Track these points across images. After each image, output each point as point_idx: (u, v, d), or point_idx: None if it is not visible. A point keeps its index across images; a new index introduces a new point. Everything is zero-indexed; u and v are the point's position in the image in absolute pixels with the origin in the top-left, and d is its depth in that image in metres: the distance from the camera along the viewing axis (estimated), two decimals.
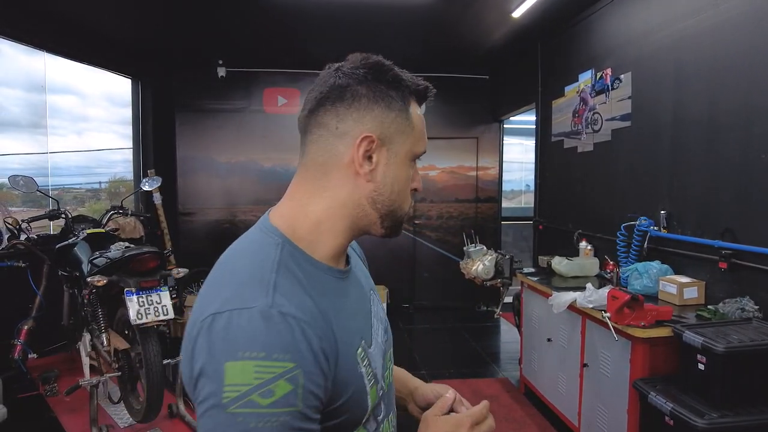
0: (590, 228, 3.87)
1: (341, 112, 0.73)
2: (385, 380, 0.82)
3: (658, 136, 3.05)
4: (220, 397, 0.57)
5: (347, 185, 0.75)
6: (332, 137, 0.74)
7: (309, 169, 0.76)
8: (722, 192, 2.56)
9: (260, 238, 0.75)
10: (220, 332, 0.60)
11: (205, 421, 0.59)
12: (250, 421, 0.56)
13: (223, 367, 0.58)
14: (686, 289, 2.63)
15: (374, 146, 0.74)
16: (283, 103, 6.01)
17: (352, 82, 0.74)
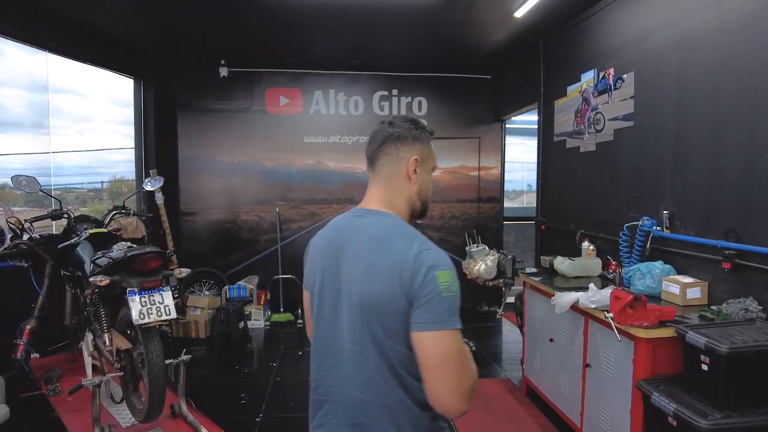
0: (593, 228, 3.86)
1: (399, 146, 1.27)
2: None
3: (661, 136, 3.04)
4: (439, 290, 1.08)
5: (406, 188, 1.29)
6: (394, 160, 1.27)
7: (381, 180, 1.30)
8: (725, 192, 2.55)
9: (392, 218, 1.25)
10: (432, 258, 1.11)
11: (429, 306, 1.08)
12: (451, 300, 1.09)
13: (436, 275, 1.09)
14: (689, 289, 2.62)
15: (417, 164, 1.27)
16: (285, 103, 6.01)
17: (402, 130, 1.27)
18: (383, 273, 1.12)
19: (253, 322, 5.59)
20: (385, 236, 1.19)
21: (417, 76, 6.12)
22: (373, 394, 1.16)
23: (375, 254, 1.16)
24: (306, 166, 6.09)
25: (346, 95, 6.06)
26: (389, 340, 1.13)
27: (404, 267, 1.10)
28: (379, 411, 1.16)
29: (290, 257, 6.04)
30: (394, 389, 1.15)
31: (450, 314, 1.09)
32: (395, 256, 1.12)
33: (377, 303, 1.12)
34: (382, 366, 1.14)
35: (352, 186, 6.17)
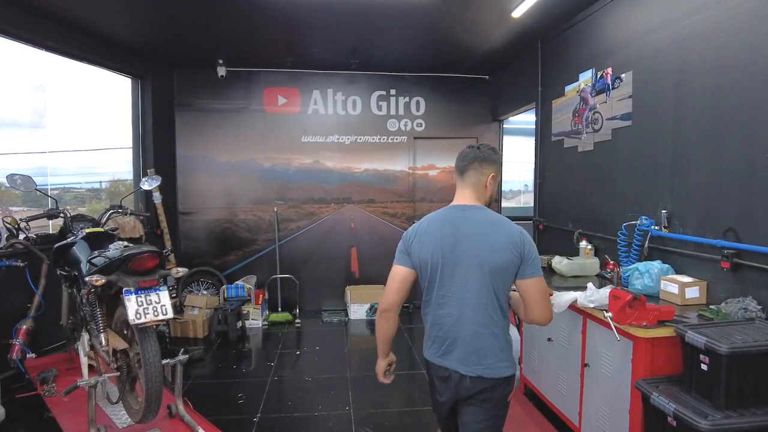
0: (590, 227, 3.85)
1: (483, 165, 1.87)
2: None
3: (660, 135, 3.04)
4: (536, 254, 1.80)
5: (483, 193, 1.89)
6: (479, 175, 1.87)
7: (469, 186, 1.88)
8: (724, 191, 2.55)
9: (489, 210, 1.88)
10: (527, 235, 1.81)
11: (534, 263, 1.80)
12: (538, 259, 1.81)
13: (533, 244, 1.81)
14: (688, 288, 2.62)
15: (493, 177, 1.89)
16: (283, 103, 6.00)
17: (485, 155, 1.87)
18: (505, 245, 1.78)
19: (251, 321, 5.57)
20: (496, 222, 1.83)
21: (415, 76, 6.12)
22: (486, 328, 1.81)
23: (495, 234, 1.79)
24: (304, 165, 6.08)
25: (344, 95, 6.05)
26: (500, 291, 1.81)
27: (517, 242, 1.78)
28: (489, 338, 1.82)
29: (288, 257, 6.03)
30: (499, 324, 1.83)
31: (539, 268, 1.83)
32: (511, 235, 1.79)
33: (503, 266, 1.78)
34: (495, 309, 1.82)
35: (351, 186, 6.16)
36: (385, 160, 6.17)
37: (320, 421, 3.34)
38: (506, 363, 1.84)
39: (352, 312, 5.82)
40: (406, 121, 6.15)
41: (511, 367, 1.86)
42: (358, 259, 6.17)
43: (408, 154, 6.18)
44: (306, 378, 4.10)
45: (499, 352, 1.82)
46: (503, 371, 1.83)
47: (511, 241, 1.77)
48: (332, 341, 5.08)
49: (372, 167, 6.16)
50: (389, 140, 6.15)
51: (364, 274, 6.18)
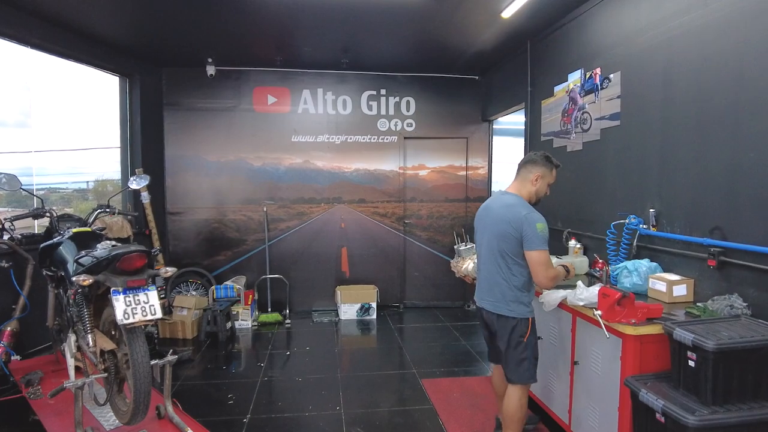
0: (579, 227, 3.88)
1: (535, 166, 2.65)
2: None
3: (648, 135, 3.07)
4: (536, 231, 2.42)
5: (529, 187, 2.65)
6: (527, 172, 2.65)
7: (519, 180, 2.69)
8: (711, 190, 2.58)
9: (517, 197, 2.61)
10: (533, 217, 2.46)
11: (533, 239, 2.43)
12: (541, 236, 2.43)
13: (536, 224, 2.43)
14: (675, 286, 2.65)
15: (539, 176, 2.63)
16: (273, 102, 5.97)
17: (538, 159, 2.65)
18: (507, 221, 2.50)
19: (241, 322, 5.54)
20: (511, 204, 2.56)
21: (405, 76, 6.12)
22: (492, 275, 2.62)
23: (505, 212, 2.53)
24: (294, 165, 6.06)
25: (334, 94, 6.04)
26: (504, 251, 2.53)
27: (517, 221, 2.47)
28: (496, 283, 2.60)
29: (278, 257, 6.00)
30: (502, 275, 2.57)
31: (540, 243, 2.43)
32: (515, 215, 2.49)
33: (502, 234, 2.52)
34: (500, 263, 2.57)
35: (341, 185, 6.15)
36: (375, 159, 6.16)
37: (311, 422, 3.33)
38: (505, 306, 2.58)
39: (342, 312, 5.81)
40: (397, 121, 6.15)
41: (511, 311, 2.56)
42: (348, 259, 6.16)
43: (398, 154, 6.19)
44: (296, 378, 4.08)
45: (500, 295, 2.59)
46: (502, 310, 2.59)
47: (513, 219, 2.49)
48: (322, 342, 5.06)
49: (362, 167, 6.16)
50: (379, 140, 6.15)
51: (355, 274, 6.17)
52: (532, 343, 2.62)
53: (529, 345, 2.61)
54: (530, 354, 2.62)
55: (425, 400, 3.63)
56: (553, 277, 2.49)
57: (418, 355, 4.64)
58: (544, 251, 2.44)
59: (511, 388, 2.68)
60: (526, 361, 2.61)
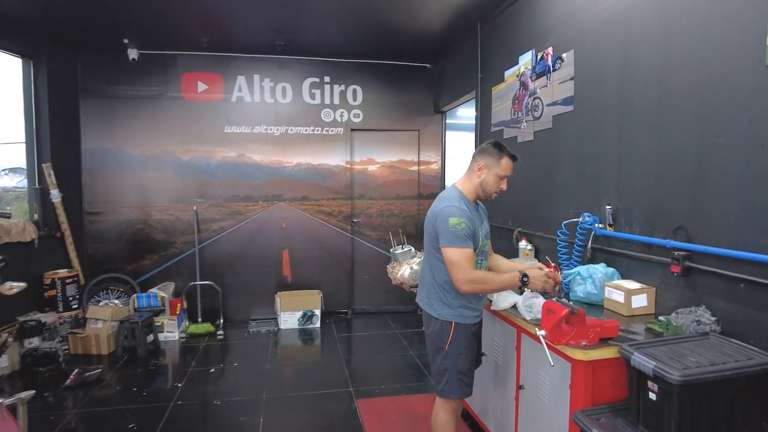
0: (531, 226, 3.49)
1: (481, 155, 2.31)
2: (483, 246, 2.31)
3: (603, 121, 2.69)
4: (448, 227, 2.14)
5: (474, 178, 2.31)
6: (474, 163, 2.33)
7: (468, 173, 2.35)
8: (675, 183, 2.20)
9: (454, 190, 2.32)
10: (446, 211, 2.18)
11: (443, 235, 2.16)
12: (454, 232, 2.14)
13: (448, 219, 2.15)
14: (635, 297, 2.26)
15: (482, 166, 2.28)
16: (204, 90, 5.40)
17: (485, 147, 2.31)
18: (429, 216, 2.29)
19: (167, 334, 4.97)
20: (441, 197, 2.31)
21: (351, 63, 5.64)
22: (425, 270, 2.38)
23: (433, 205, 2.30)
24: (228, 159, 5.50)
25: (272, 81, 5.51)
26: (430, 247, 2.30)
27: (434, 215, 2.24)
28: (425, 278, 2.38)
29: (211, 261, 5.45)
30: (429, 270, 2.33)
31: (450, 239, 2.12)
32: (434, 209, 2.26)
33: (427, 230, 2.32)
34: (429, 259, 2.33)
35: (281, 181, 5.62)
36: (319, 153, 5.66)
37: None
38: (429, 304, 2.33)
39: (282, 321, 5.30)
40: (342, 111, 5.67)
41: (434, 310, 2.29)
42: (290, 262, 5.65)
43: (345, 148, 5.71)
44: (214, 402, 3.56)
45: (426, 291, 2.36)
46: (426, 307, 2.35)
47: (432, 212, 2.27)
48: (255, 356, 4.54)
49: (305, 161, 5.65)
50: (324, 132, 5.65)
51: (298, 279, 5.66)
52: (454, 353, 2.26)
53: (450, 355, 2.26)
54: (452, 365, 2.26)
55: (357, 425, 3.18)
56: (471, 281, 2.10)
57: (359, 370, 4.18)
58: (455, 249, 2.11)
59: (437, 403, 2.39)
60: (446, 373, 2.27)
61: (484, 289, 2.20)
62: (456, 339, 2.24)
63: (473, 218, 2.21)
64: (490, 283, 2.16)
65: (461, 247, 2.11)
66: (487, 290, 2.23)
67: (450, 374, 2.26)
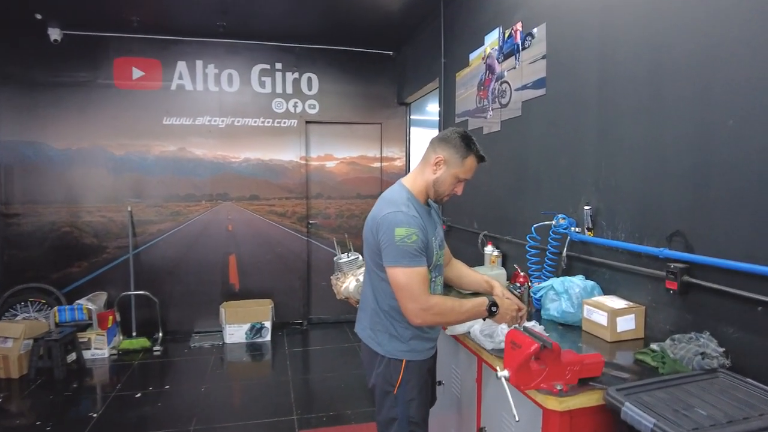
0: (498, 229, 3.06)
1: (441, 145, 1.75)
2: (438, 259, 1.80)
3: (581, 105, 2.26)
4: (393, 240, 1.59)
5: (429, 174, 1.76)
6: (431, 152, 1.77)
7: (421, 166, 1.80)
8: (669, 178, 1.77)
9: (399, 189, 1.77)
10: (391, 218, 1.62)
11: (387, 250, 1.62)
12: (403, 247, 1.59)
13: (394, 230, 1.60)
14: (620, 318, 1.83)
15: (441, 162, 1.73)
16: (140, 77, 4.82)
17: (449, 136, 1.75)
18: (369, 223, 1.76)
19: (94, 351, 4.39)
20: (383, 198, 1.80)
21: (306, 48, 5.14)
22: (366, 291, 1.88)
23: (374, 209, 1.78)
24: (167, 154, 4.93)
25: (217, 68, 4.97)
26: (371, 263, 1.78)
27: (374, 222, 1.70)
28: (367, 303, 1.86)
29: (148, 267, 4.87)
30: (372, 292, 1.82)
31: (397, 256, 1.62)
32: (375, 214, 1.73)
33: (366, 242, 1.79)
34: (371, 277, 1.81)
35: (227, 178, 5.08)
36: (270, 147, 5.15)
37: None
38: (373, 337, 1.82)
39: (227, 335, 4.76)
40: (296, 101, 5.16)
41: (379, 344, 1.80)
42: (238, 269, 5.11)
43: (299, 142, 5.20)
44: None
45: (369, 319, 1.84)
46: (369, 340, 1.84)
47: (373, 220, 1.74)
48: (192, 375, 4.01)
49: (254, 156, 5.12)
50: (275, 124, 5.13)
51: (247, 287, 5.13)
52: (404, 398, 1.77)
53: (400, 400, 1.77)
54: (402, 414, 1.77)
55: None
56: (426, 310, 1.62)
57: (308, 392, 3.69)
58: (404, 270, 1.61)
59: None
60: (395, 424, 1.78)
61: (444, 322, 1.75)
62: (407, 381, 1.76)
63: (425, 226, 1.70)
64: (451, 313, 1.67)
65: (412, 267, 1.62)
66: (447, 322, 1.78)
67: (399, 425, 1.78)
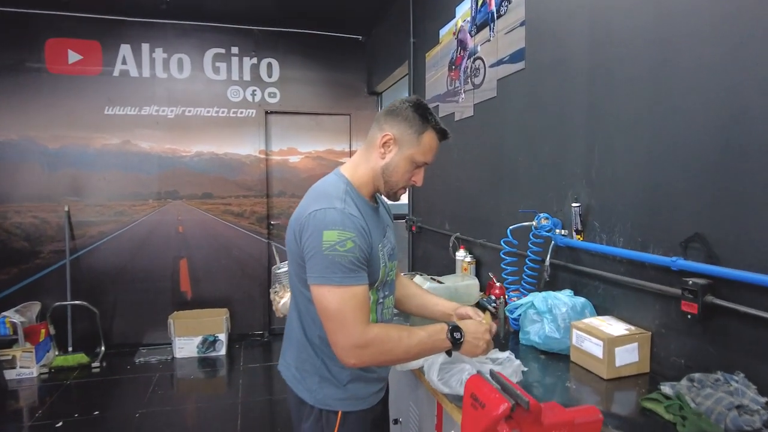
0: (471, 231, 2.63)
1: (389, 119, 1.29)
2: (388, 274, 1.33)
3: (568, 77, 1.83)
4: (320, 248, 1.15)
5: (375, 159, 1.31)
6: (377, 129, 1.31)
7: (364, 145, 1.36)
8: (684, 166, 1.35)
9: (335, 178, 1.31)
10: (319, 217, 1.17)
11: (311, 261, 1.17)
12: (334, 258, 1.14)
13: (322, 233, 1.15)
14: (620, 349, 1.41)
15: (391, 142, 1.28)
16: (77, 61, 4.30)
17: (398, 107, 1.29)
18: (292, 224, 1.28)
19: (21, 370, 3.86)
20: (313, 191, 1.32)
21: (266, 31, 4.67)
22: (291, 318, 1.40)
23: (299, 207, 1.30)
24: (109, 147, 4.42)
25: (166, 52, 4.47)
26: (296, 279, 1.29)
27: (298, 222, 1.24)
28: (292, 333, 1.38)
29: (88, 274, 4.36)
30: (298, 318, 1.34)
31: (330, 271, 1.15)
32: (299, 212, 1.27)
33: (290, 251, 1.31)
34: (297, 299, 1.34)
35: (177, 174, 4.58)
36: (226, 140, 4.66)
37: None
38: (300, 380, 1.34)
39: (177, 348, 4.27)
40: (255, 89, 4.68)
41: (308, 391, 1.32)
42: (190, 275, 4.61)
43: (258, 134, 4.72)
44: None
45: (294, 356, 1.37)
46: (294, 385, 1.36)
47: (295, 220, 1.28)
48: (129, 397, 3.52)
49: (207, 150, 4.63)
50: (231, 114, 4.65)
51: (201, 295, 4.63)
52: None
53: None
54: None
55: None
56: (365, 346, 1.15)
57: (258, 418, 3.22)
58: (333, 289, 1.16)
59: None
60: None
61: (388, 360, 1.24)
62: None
63: (369, 229, 1.24)
64: (397, 348, 1.20)
65: (345, 286, 1.16)
66: (393, 361, 1.25)
67: None
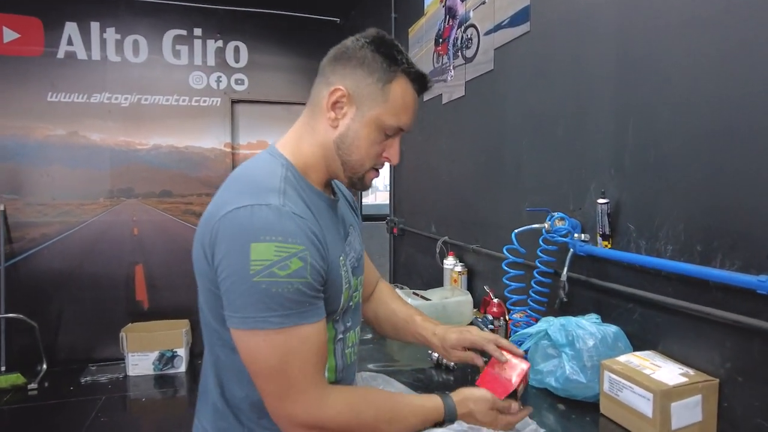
0: (461, 234, 2.21)
1: (335, 66, 0.88)
2: (352, 297, 0.93)
3: (588, 33, 1.42)
4: (247, 270, 0.73)
5: (323, 129, 0.89)
6: (323, 84, 0.89)
7: (307, 109, 0.93)
8: (762, 140, 0.94)
9: (269, 159, 0.89)
10: (244, 221, 0.75)
11: (232, 294, 0.75)
12: (271, 287, 0.73)
13: (249, 247, 0.73)
14: (677, 404, 0.99)
15: (344, 100, 0.86)
16: (14, 39, 3.80)
17: (352, 45, 0.88)
18: (200, 232, 0.84)
19: None
20: (231, 179, 0.88)
21: (232, 11, 4.22)
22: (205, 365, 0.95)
23: (211, 204, 0.85)
24: (53, 139, 3.92)
25: (119, 32, 3.99)
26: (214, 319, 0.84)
27: (211, 229, 0.79)
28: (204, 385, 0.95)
29: (27, 283, 3.87)
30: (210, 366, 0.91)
31: (267, 308, 0.74)
32: (211, 211, 0.82)
33: (197, 272, 0.86)
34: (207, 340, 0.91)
35: (132, 170, 4.10)
36: (187, 132, 4.19)
37: None
38: None
39: (130, 365, 3.80)
40: (220, 75, 4.23)
41: None
42: (146, 283, 4.14)
43: (223, 125, 4.26)
44: None
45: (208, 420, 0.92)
46: None
47: (204, 224, 0.83)
48: (63, 427, 3.05)
49: (166, 143, 4.16)
50: (193, 103, 4.19)
51: (158, 305, 4.16)
52: None
53: None
54: None
55: None
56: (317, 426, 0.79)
57: None
58: (271, 335, 0.75)
59: None
60: None
61: None
62: None
63: (323, 236, 0.85)
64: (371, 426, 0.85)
65: (289, 326, 0.76)
66: None
67: None
